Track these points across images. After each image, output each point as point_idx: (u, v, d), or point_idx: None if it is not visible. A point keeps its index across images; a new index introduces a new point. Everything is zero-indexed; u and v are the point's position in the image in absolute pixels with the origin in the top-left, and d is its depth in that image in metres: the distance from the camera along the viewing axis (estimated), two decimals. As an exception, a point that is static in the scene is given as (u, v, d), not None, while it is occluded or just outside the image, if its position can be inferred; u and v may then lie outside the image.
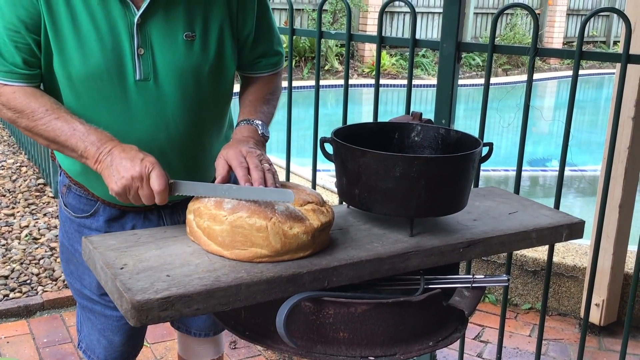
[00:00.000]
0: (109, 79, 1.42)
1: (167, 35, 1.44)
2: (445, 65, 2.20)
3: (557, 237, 1.50)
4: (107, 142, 1.35)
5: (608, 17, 15.71)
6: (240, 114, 1.59)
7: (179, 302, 1.07)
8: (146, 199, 1.31)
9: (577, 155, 2.32)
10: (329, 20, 11.56)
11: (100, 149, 1.34)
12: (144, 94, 1.45)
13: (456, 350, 2.59)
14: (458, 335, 1.30)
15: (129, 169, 1.29)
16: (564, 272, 3.22)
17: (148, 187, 1.30)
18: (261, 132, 1.51)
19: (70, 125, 1.37)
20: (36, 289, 3.26)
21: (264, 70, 1.66)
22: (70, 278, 1.69)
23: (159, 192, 1.29)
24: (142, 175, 1.29)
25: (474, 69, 12.39)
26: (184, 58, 1.46)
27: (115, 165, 1.31)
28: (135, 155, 1.32)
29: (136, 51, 1.42)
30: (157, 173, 1.30)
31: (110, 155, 1.33)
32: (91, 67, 1.40)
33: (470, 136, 1.44)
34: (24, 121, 1.41)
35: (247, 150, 1.37)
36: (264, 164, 1.34)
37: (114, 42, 1.41)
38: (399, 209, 1.33)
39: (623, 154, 2.85)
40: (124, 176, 1.29)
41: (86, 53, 1.40)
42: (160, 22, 1.43)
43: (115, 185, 1.30)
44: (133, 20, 1.41)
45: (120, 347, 1.71)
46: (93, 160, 1.35)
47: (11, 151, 5.81)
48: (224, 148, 1.41)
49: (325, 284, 1.21)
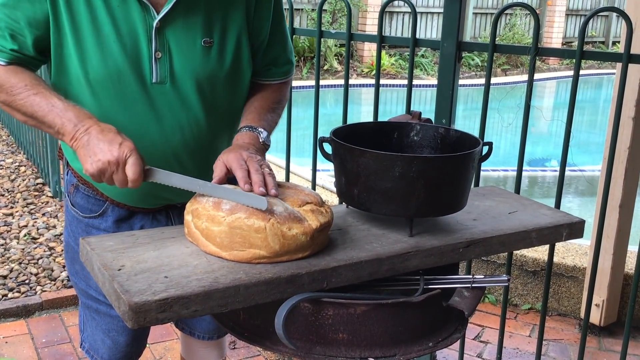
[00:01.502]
0: (126, 80, 1.42)
1: (185, 41, 1.44)
2: (445, 64, 2.20)
3: (557, 236, 1.50)
4: (85, 120, 1.34)
5: (607, 17, 15.72)
6: (244, 119, 1.57)
7: (177, 304, 1.06)
8: (119, 184, 1.31)
9: (576, 156, 2.32)
10: (328, 20, 11.56)
11: (77, 126, 1.33)
12: (160, 97, 1.45)
13: (456, 350, 2.59)
14: (458, 335, 1.30)
15: (106, 152, 1.28)
16: (564, 273, 3.22)
17: (123, 172, 1.29)
18: (262, 140, 1.50)
19: (49, 101, 1.36)
20: (35, 289, 3.25)
21: (274, 78, 1.65)
22: (75, 278, 1.68)
23: (132, 180, 1.29)
24: (119, 161, 1.28)
25: (473, 69, 12.38)
26: (200, 64, 1.46)
27: (92, 145, 1.30)
28: (114, 139, 1.30)
29: (154, 54, 1.42)
30: (134, 160, 1.29)
31: (87, 135, 1.32)
32: (109, 68, 1.40)
33: (469, 135, 1.44)
34: (2, 95, 1.40)
35: (247, 154, 1.37)
36: (264, 168, 1.34)
37: (132, 44, 1.41)
38: (398, 208, 1.32)
39: (623, 154, 2.85)
40: (100, 159, 1.28)
41: (105, 53, 1.40)
42: (179, 27, 1.43)
43: (91, 167, 1.30)
44: (152, 24, 1.41)
45: (125, 348, 1.70)
46: (69, 137, 1.34)
47: (10, 150, 5.80)
48: (224, 152, 1.41)
49: (325, 285, 1.20)
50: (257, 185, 1.28)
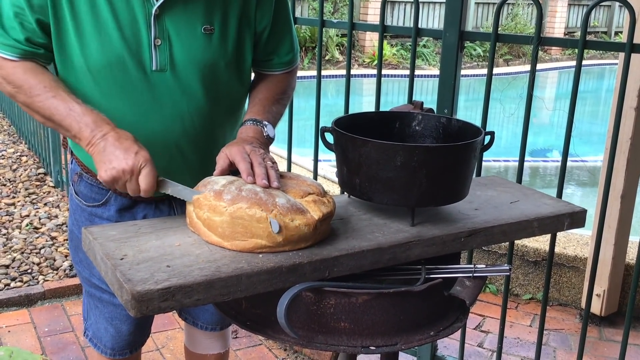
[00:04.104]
0: (126, 67, 1.42)
1: (185, 28, 1.43)
2: (448, 54, 2.19)
3: (558, 226, 1.50)
4: (103, 126, 1.35)
5: (610, 7, 15.65)
6: (248, 111, 1.56)
7: (180, 293, 1.07)
8: (132, 192, 1.32)
9: (577, 146, 2.31)
10: (330, 9, 11.52)
11: (94, 132, 1.34)
12: (161, 85, 1.45)
13: (457, 340, 2.60)
14: (459, 325, 1.30)
15: (121, 160, 1.29)
16: (565, 263, 3.22)
17: (136, 182, 1.30)
18: (266, 133, 1.49)
19: (67, 105, 1.37)
20: (37, 278, 3.26)
21: (276, 69, 1.64)
22: (79, 266, 1.69)
23: (145, 190, 1.30)
24: (134, 170, 1.29)
25: (475, 59, 12.35)
26: (201, 51, 1.45)
27: (107, 152, 1.31)
28: (130, 147, 1.31)
29: (153, 42, 1.41)
30: (148, 171, 1.30)
31: (104, 141, 1.33)
32: (108, 55, 1.40)
33: (471, 125, 1.44)
34: (21, 96, 1.41)
35: (250, 148, 1.37)
36: (267, 161, 1.34)
37: (132, 31, 1.40)
38: (400, 198, 1.32)
39: (625, 145, 2.85)
40: (115, 167, 1.29)
41: (104, 41, 1.39)
42: (178, 14, 1.42)
43: (105, 174, 1.31)
44: (151, 11, 1.40)
45: (128, 336, 1.71)
46: (86, 142, 1.35)
47: (11, 140, 5.80)
48: (227, 145, 1.41)
49: (326, 274, 1.21)
50: (259, 177, 1.28)
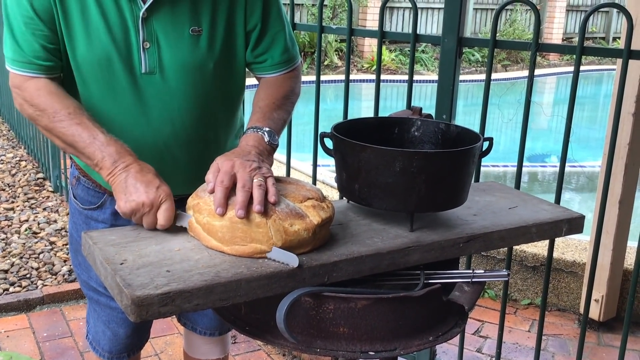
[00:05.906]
0: (116, 71, 1.42)
1: (172, 30, 1.44)
2: (446, 60, 2.20)
3: (557, 231, 1.50)
4: (126, 157, 1.34)
5: (607, 13, 15.69)
6: (250, 120, 1.52)
7: (179, 298, 1.07)
8: (148, 225, 1.30)
9: (576, 151, 2.32)
10: (329, 15, 11.54)
11: (116, 163, 1.33)
12: (150, 87, 1.45)
13: (456, 345, 2.60)
14: (458, 330, 1.30)
15: (142, 193, 1.29)
16: (564, 268, 3.23)
17: (154, 216, 1.29)
18: (267, 140, 1.44)
19: (90, 133, 1.36)
20: (36, 283, 3.26)
21: (272, 71, 1.58)
22: (77, 269, 1.69)
23: (162, 225, 1.29)
24: (154, 204, 1.28)
25: (473, 65, 12.37)
26: (189, 53, 1.45)
27: (128, 184, 1.31)
28: (152, 181, 1.31)
29: (142, 45, 1.42)
30: (168, 206, 1.29)
31: (126, 172, 1.32)
32: (97, 57, 1.41)
33: (470, 131, 1.44)
34: (44, 120, 1.41)
35: (240, 162, 1.29)
36: (256, 178, 1.25)
37: (121, 34, 1.41)
38: (399, 204, 1.33)
39: (623, 150, 2.85)
40: (135, 200, 1.28)
41: (93, 42, 1.40)
42: (166, 17, 1.43)
43: (124, 206, 1.30)
44: (138, 14, 1.41)
45: (125, 340, 1.71)
46: (107, 172, 1.34)
47: (10, 145, 5.80)
48: (222, 156, 1.35)
49: (325, 279, 1.21)
50: (238, 205, 1.20)
